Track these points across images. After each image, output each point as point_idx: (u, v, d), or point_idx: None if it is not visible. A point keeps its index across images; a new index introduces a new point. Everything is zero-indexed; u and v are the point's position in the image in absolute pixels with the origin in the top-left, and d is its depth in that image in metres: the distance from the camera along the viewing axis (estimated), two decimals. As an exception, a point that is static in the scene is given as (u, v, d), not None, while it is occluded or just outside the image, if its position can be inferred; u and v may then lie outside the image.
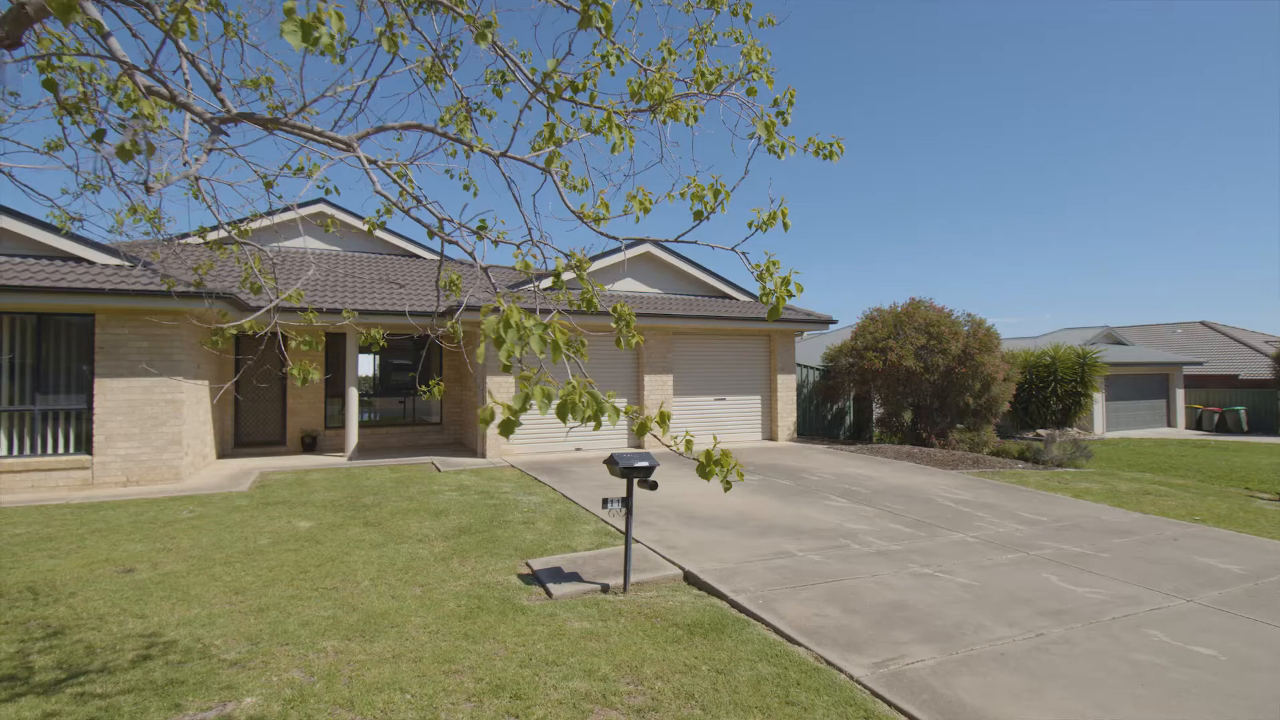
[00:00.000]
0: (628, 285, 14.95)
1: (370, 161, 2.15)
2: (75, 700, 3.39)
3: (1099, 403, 23.63)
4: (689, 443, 2.18)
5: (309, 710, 3.34)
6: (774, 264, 2.47)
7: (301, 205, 17.34)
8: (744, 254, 2.49)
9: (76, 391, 10.39)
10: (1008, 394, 15.33)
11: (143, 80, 2.16)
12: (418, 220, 2.52)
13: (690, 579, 5.70)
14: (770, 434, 15.73)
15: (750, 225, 2.58)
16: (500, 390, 13.06)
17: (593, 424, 1.75)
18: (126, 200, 3.13)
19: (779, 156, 2.73)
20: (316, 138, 2.19)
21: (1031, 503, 8.90)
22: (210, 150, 2.33)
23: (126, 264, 10.78)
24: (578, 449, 13.68)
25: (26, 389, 10.21)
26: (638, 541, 6.69)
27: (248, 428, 14.74)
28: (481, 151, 2.54)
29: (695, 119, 2.59)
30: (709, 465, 2.09)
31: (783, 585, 5.45)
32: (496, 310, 1.77)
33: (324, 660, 3.93)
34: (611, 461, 5.40)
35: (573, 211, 2.55)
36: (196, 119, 2.13)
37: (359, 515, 7.93)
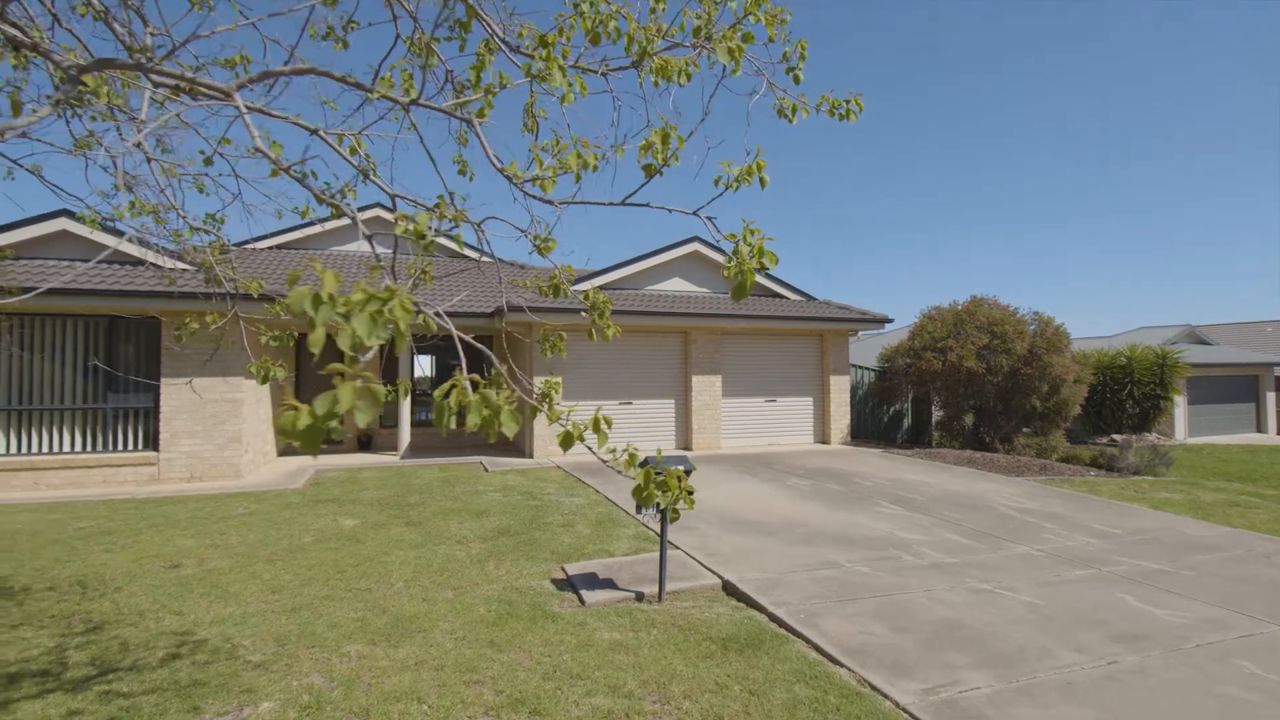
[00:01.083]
0: (675, 285, 14.74)
1: (252, 109, 1.97)
2: (100, 699, 3.41)
3: (1180, 406, 22.10)
4: (631, 456, 1.80)
5: (323, 719, 3.27)
6: (752, 231, 2.11)
7: (359, 210, 17.75)
8: (710, 219, 2.21)
9: (144, 390, 10.82)
10: (1078, 396, 14.45)
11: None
12: (309, 190, 2.28)
13: (729, 589, 5.46)
14: (823, 436, 15.25)
15: (718, 182, 2.25)
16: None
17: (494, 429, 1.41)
18: (131, 196, 3.12)
19: (789, 120, 2.47)
20: (190, 85, 2.01)
21: (1104, 513, 8.28)
22: (60, 102, 2.15)
23: (190, 268, 11.21)
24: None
25: (99, 388, 10.70)
26: (676, 548, 6.47)
27: (306, 426, 15.12)
28: (382, 98, 2.24)
29: (688, 77, 2.33)
30: (648, 488, 1.72)
31: (827, 598, 5.15)
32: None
33: (346, 665, 3.87)
34: (644, 465, 5.20)
35: (499, 169, 2.24)
36: (53, 66, 1.97)
37: (402, 514, 7.97)
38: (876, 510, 8.28)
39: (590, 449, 1.73)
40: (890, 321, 15.31)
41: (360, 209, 17.64)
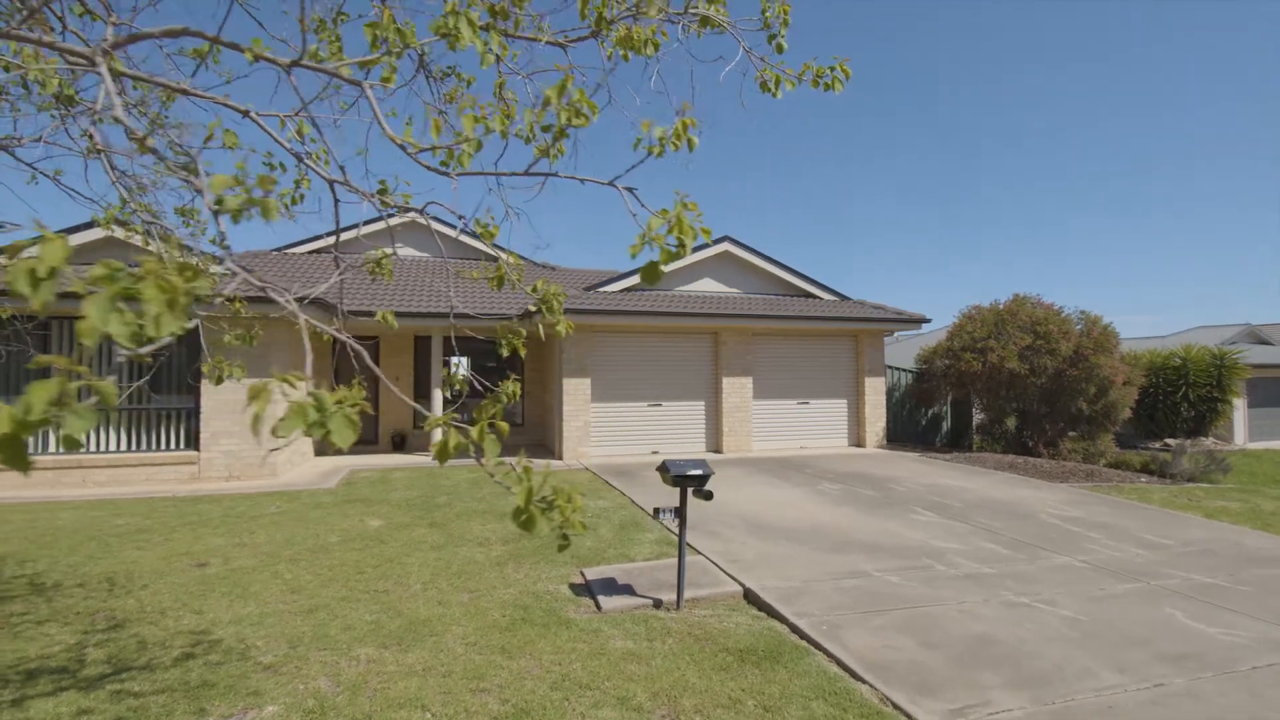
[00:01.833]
0: (706, 285, 14.57)
1: (119, 75, 1.85)
2: (111, 698, 3.43)
3: (1239, 409, 21.00)
4: (527, 469, 1.38)
5: (327, 724, 3.23)
6: (687, 205, 1.77)
7: (397, 216, 17.98)
8: (630, 189, 2.01)
9: (186, 391, 11.10)
10: (1128, 399, 13.82)
11: None
12: (172, 168, 2.14)
13: (750, 597, 5.29)
14: (858, 440, 14.90)
15: (638, 145, 2.00)
16: (576, 395, 12.99)
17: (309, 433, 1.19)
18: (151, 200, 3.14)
19: (773, 93, 2.31)
20: (49, 46, 1.89)
21: (1155, 523, 7.85)
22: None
23: (228, 272, 11.48)
24: (655, 452, 13.42)
25: (143, 389, 11.03)
26: (699, 553, 6.33)
27: (343, 427, 15.36)
28: (261, 59, 1.96)
29: (655, 47, 2.17)
30: (527, 508, 1.41)
31: (852, 609, 4.95)
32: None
33: (354, 669, 3.83)
34: (663, 469, 5.08)
35: (393, 139, 1.95)
36: None
37: (427, 516, 7.99)
38: (910, 517, 8.00)
39: (480, 462, 1.46)
40: (927, 321, 14.89)
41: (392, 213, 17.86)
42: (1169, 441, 16.99)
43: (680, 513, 5.12)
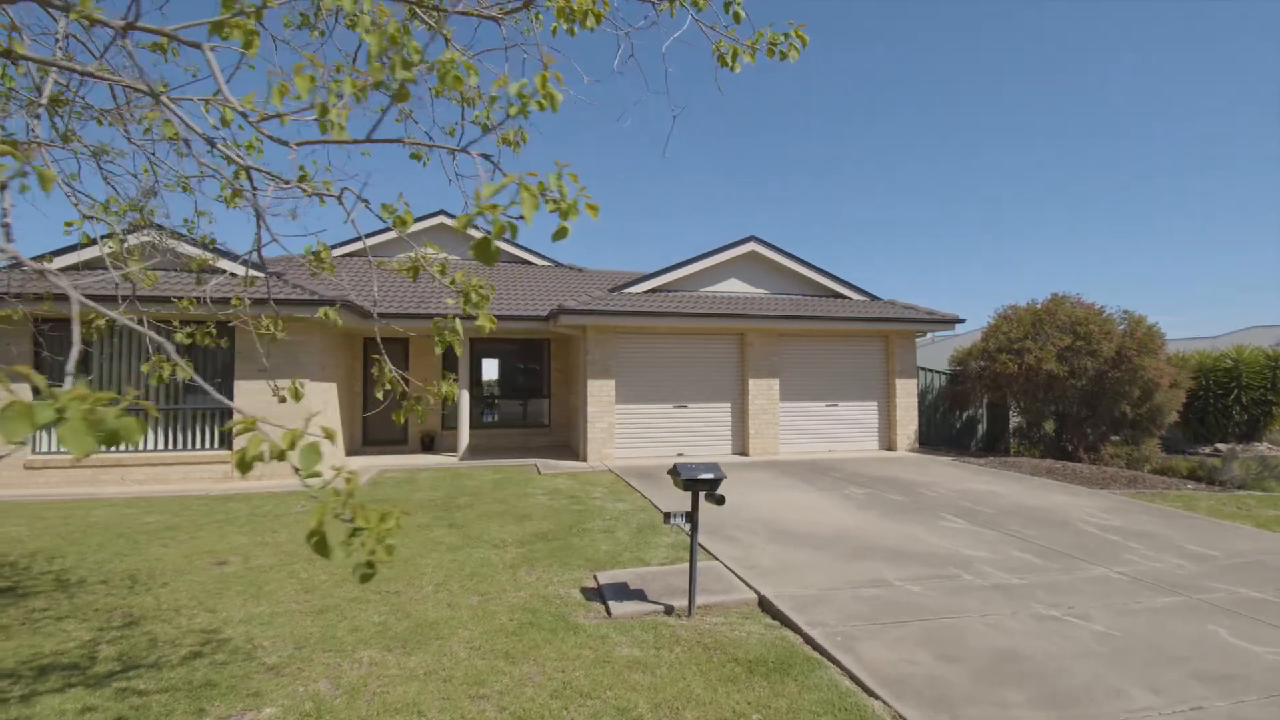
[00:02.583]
0: (731, 286, 14.38)
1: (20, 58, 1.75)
2: (115, 696, 3.46)
3: (1299, 413, 19.95)
4: (350, 480, 1.16)
5: (323, 728, 3.20)
6: (567, 175, 1.50)
7: (425, 218, 18.27)
8: (484, 156, 1.82)
9: (219, 392, 11.32)
10: (1175, 402, 13.23)
11: None
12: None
13: (765, 605, 5.15)
14: (888, 443, 14.55)
15: (493, 104, 1.75)
16: (600, 396, 12.93)
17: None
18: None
19: (730, 66, 2.17)
20: None
21: (1200, 532, 7.46)
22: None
23: (261, 275, 11.73)
24: (680, 454, 13.30)
25: (179, 389, 11.32)
26: (715, 558, 6.20)
27: (375, 428, 15.59)
28: (95, 22, 1.74)
29: (597, 19, 2.03)
30: (319, 530, 1.24)
31: (870, 620, 4.77)
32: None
33: (356, 672, 3.81)
34: (674, 472, 4.97)
35: (234, 106, 1.74)
36: None
37: (447, 516, 8.00)
38: (938, 523, 7.74)
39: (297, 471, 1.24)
40: (961, 322, 14.47)
41: (423, 217, 18.11)
42: (1219, 447, 16.23)
43: (692, 518, 5.01)
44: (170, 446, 11.24)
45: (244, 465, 1.29)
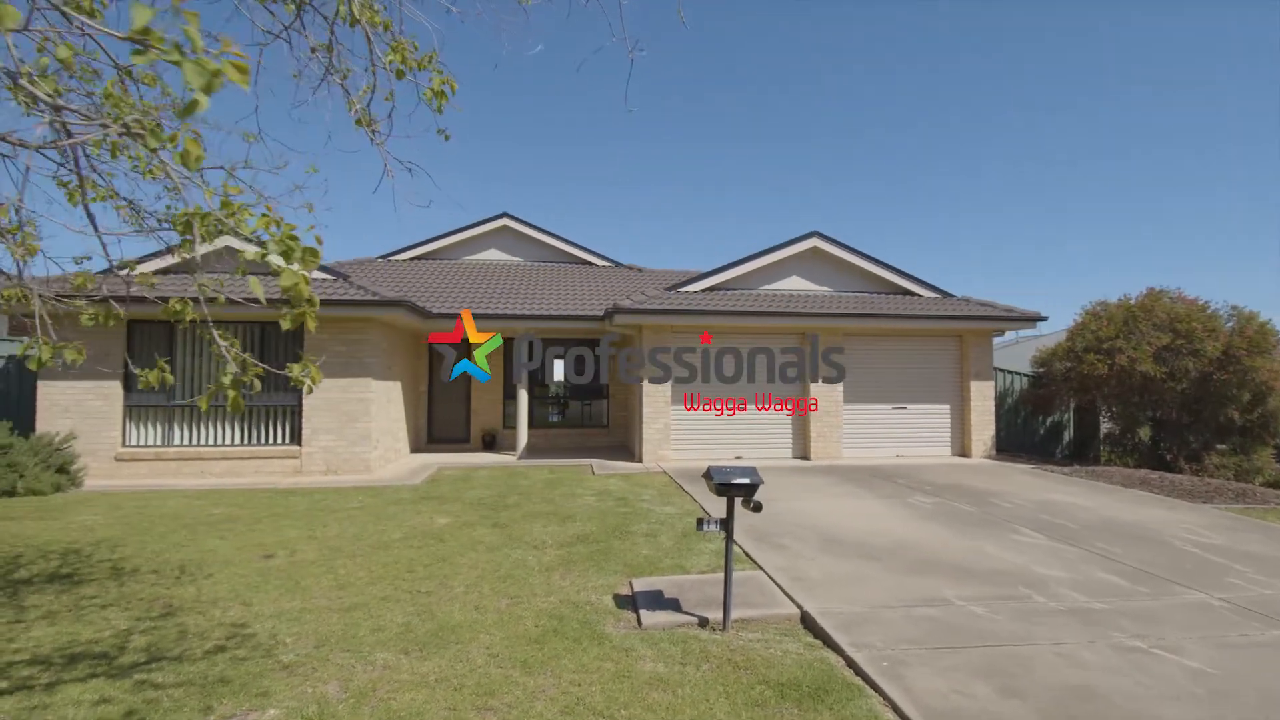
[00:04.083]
0: (793, 284, 13.87)
1: None
2: (134, 688, 3.48)
3: None
4: None
5: (322, 733, 3.11)
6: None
7: (486, 221, 18.55)
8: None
9: (290, 390, 11.75)
10: (1293, 408, 11.88)
11: None
12: None
13: (807, 621, 4.79)
14: (962, 449, 13.69)
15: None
16: (656, 397, 12.72)
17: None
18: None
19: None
20: None
21: (1324, 556, 6.56)
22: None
23: (330, 277, 12.13)
24: (738, 457, 12.92)
25: (255, 383, 11.82)
26: (759, 568, 5.87)
27: (439, 426, 15.93)
28: None
29: None
30: None
31: (922, 644, 4.35)
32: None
33: (368, 675, 3.72)
34: (708, 476, 4.69)
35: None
36: None
37: (493, 515, 7.97)
38: (1011, 537, 7.12)
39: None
40: (1043, 320, 13.43)
41: (488, 220, 18.39)
42: (1351, 459, 14.49)
43: (726, 525, 4.71)
44: (245, 441, 11.74)
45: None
